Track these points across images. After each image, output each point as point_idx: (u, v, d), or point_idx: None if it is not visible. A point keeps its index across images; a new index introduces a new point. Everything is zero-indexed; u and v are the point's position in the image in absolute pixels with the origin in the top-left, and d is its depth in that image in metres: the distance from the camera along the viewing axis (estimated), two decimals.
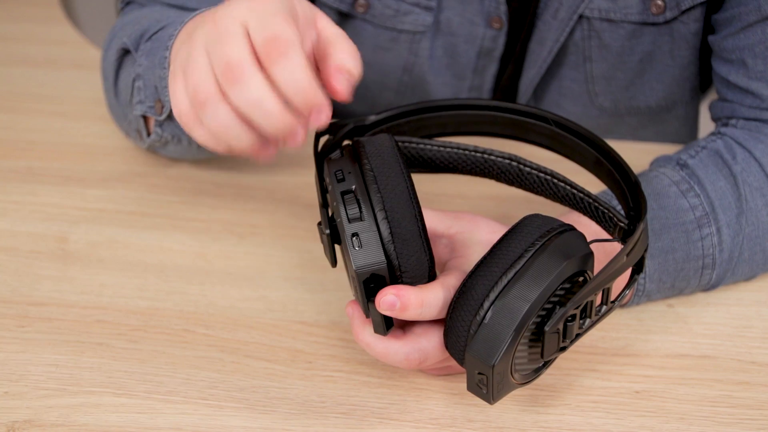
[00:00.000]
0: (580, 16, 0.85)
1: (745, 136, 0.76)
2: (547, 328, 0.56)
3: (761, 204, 0.72)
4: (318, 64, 0.58)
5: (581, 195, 0.63)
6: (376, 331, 0.59)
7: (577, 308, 0.56)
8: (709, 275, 0.71)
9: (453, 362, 0.61)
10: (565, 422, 0.63)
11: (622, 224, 0.61)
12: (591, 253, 0.58)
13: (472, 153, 0.65)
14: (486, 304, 0.56)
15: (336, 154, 0.60)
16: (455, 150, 0.65)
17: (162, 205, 0.83)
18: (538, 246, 0.57)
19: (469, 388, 0.58)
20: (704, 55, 0.90)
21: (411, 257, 0.57)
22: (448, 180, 0.72)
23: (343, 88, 0.56)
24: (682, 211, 0.71)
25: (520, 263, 0.56)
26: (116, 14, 0.90)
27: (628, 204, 0.63)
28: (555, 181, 0.64)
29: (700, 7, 0.83)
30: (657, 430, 0.63)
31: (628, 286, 0.60)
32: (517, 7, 0.86)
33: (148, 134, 0.80)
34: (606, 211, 0.62)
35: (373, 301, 0.57)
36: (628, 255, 0.57)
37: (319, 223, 0.60)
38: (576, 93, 0.92)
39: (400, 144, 0.65)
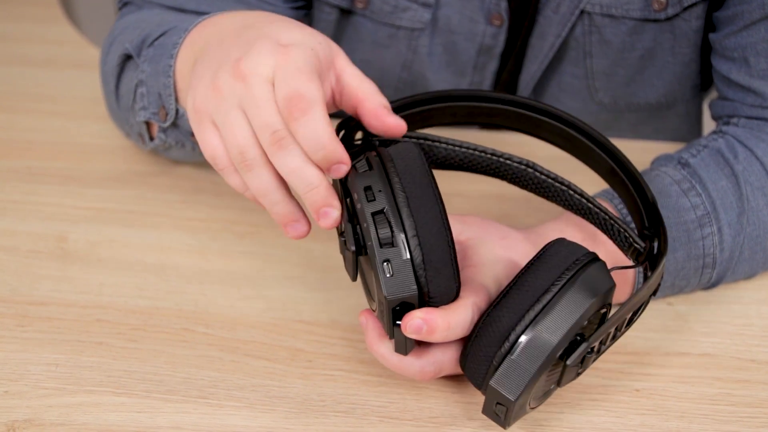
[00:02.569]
0: (582, 12, 0.85)
1: (746, 135, 0.76)
2: (569, 363, 0.56)
3: (762, 203, 0.72)
4: (338, 100, 0.61)
5: (596, 209, 0.63)
6: (398, 350, 0.59)
7: (597, 340, 0.57)
8: (709, 274, 0.71)
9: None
10: (565, 420, 0.63)
11: (637, 246, 0.62)
12: (614, 286, 0.58)
13: (489, 156, 0.64)
14: (512, 337, 0.56)
15: (362, 165, 0.57)
16: (471, 151, 0.65)
17: (161, 204, 0.82)
18: (565, 280, 0.57)
19: (485, 413, 0.58)
20: (706, 53, 0.90)
21: (441, 285, 0.56)
22: (448, 178, 0.72)
23: (394, 121, 0.58)
24: (683, 210, 0.70)
25: (547, 297, 0.56)
26: (115, 14, 0.90)
27: (642, 221, 0.63)
28: (570, 192, 0.64)
29: (702, 3, 0.83)
30: (657, 428, 0.63)
31: (640, 309, 0.60)
32: (517, 4, 0.86)
33: (151, 138, 0.79)
34: (622, 230, 0.62)
35: (399, 325, 0.57)
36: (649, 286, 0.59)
37: (341, 234, 0.58)
38: (576, 88, 0.92)
39: (419, 142, 0.64)
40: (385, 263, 0.54)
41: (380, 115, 0.59)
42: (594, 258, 0.58)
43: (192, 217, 0.81)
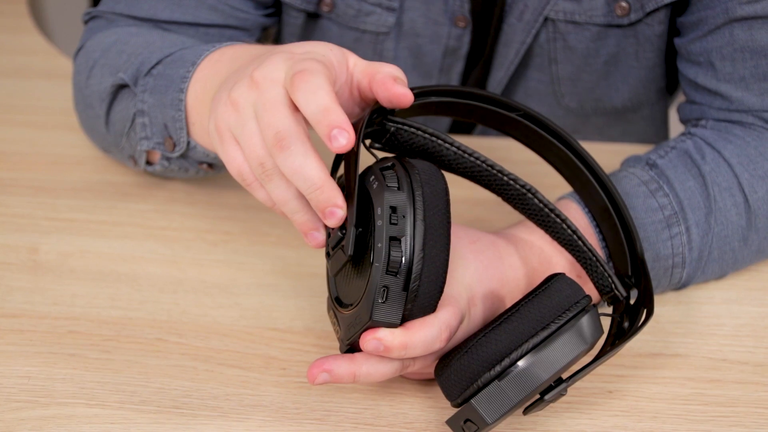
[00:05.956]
0: (546, 19, 0.86)
1: (714, 137, 0.77)
2: (546, 398, 0.57)
3: (730, 204, 0.73)
4: (356, 95, 0.62)
5: (585, 248, 0.65)
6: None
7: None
8: (679, 274, 0.72)
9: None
10: (539, 423, 0.64)
11: (618, 294, 0.64)
12: (602, 334, 0.60)
13: (496, 173, 0.64)
14: (505, 363, 0.57)
15: (391, 177, 0.57)
16: (480, 163, 0.64)
17: (133, 213, 0.82)
18: (565, 319, 0.58)
19: (450, 424, 0.59)
20: (670, 57, 0.91)
21: (420, 316, 0.58)
22: None
23: (400, 90, 0.58)
24: (650, 210, 0.71)
25: (545, 333, 0.57)
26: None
27: (625, 268, 0.66)
28: (564, 226, 0.65)
29: (665, 9, 0.84)
30: (630, 429, 0.64)
31: (611, 350, 0.61)
32: (480, 9, 0.87)
33: (149, 163, 0.79)
34: (607, 275, 0.64)
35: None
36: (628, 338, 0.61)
37: (334, 232, 0.59)
38: (542, 94, 0.93)
39: (431, 140, 0.63)
40: (383, 288, 0.55)
41: (387, 83, 0.59)
42: (592, 304, 0.59)
43: (165, 227, 0.81)
